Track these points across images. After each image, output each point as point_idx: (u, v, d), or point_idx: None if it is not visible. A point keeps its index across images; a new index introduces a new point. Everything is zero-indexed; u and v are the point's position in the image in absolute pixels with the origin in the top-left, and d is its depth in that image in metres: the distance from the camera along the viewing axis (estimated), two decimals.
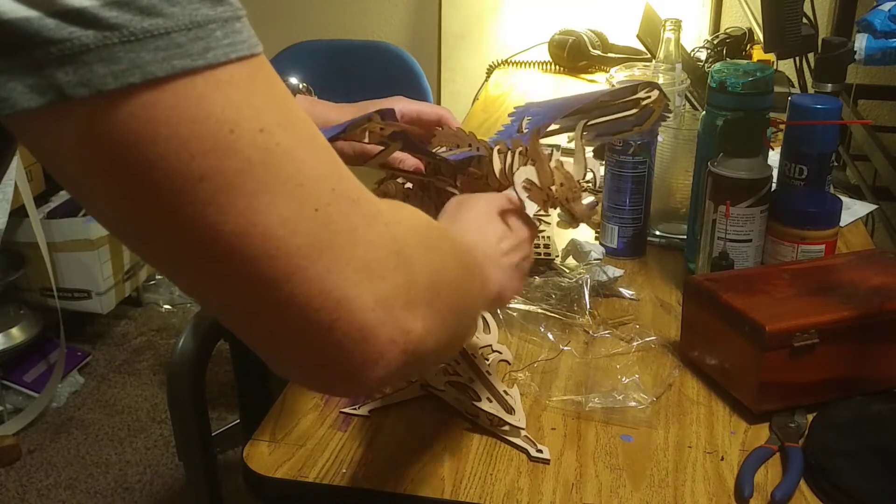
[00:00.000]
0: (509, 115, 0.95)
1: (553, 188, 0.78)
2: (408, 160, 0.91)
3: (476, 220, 0.73)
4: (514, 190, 0.78)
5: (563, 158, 0.82)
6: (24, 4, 0.34)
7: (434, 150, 0.87)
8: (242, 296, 0.42)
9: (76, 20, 0.34)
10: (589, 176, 0.83)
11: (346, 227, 0.43)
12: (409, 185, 0.91)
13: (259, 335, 0.45)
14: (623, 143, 1.17)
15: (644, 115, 0.93)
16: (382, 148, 0.81)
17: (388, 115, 0.76)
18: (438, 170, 0.87)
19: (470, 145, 0.87)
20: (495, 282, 0.70)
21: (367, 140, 0.77)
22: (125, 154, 0.37)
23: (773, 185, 1.06)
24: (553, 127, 0.88)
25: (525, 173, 0.78)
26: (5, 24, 0.34)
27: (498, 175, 0.81)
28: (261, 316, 0.43)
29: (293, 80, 1.04)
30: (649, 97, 0.91)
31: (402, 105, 0.97)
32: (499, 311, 1.04)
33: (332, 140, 0.75)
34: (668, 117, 0.99)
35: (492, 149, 0.83)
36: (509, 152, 0.82)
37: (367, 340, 0.44)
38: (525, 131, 0.87)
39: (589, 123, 0.87)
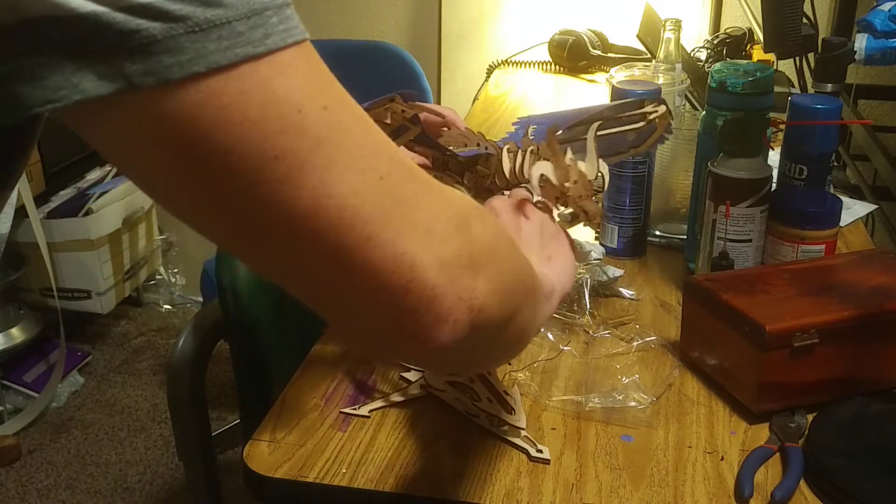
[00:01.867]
0: (513, 124, 0.95)
1: (567, 185, 0.78)
2: (413, 159, 0.91)
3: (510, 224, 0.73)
4: (530, 186, 0.78)
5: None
6: (93, 1, 0.35)
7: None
8: (321, 268, 0.43)
9: (143, 13, 0.36)
10: (599, 177, 0.83)
11: (408, 194, 0.45)
12: None
13: (337, 306, 0.46)
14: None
15: (646, 131, 0.93)
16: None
17: (409, 97, 0.76)
18: (446, 166, 0.86)
19: (478, 144, 0.87)
20: (545, 277, 0.69)
21: (388, 120, 0.77)
22: (200, 139, 0.38)
23: (773, 185, 1.06)
24: (558, 133, 0.88)
25: (541, 168, 0.78)
26: (77, 18, 0.35)
27: (507, 174, 0.81)
28: (339, 286, 0.44)
29: None
30: (656, 112, 0.91)
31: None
32: None
33: None
34: (668, 138, 0.98)
35: (500, 148, 0.83)
36: (519, 151, 0.82)
37: (437, 299, 0.45)
38: (531, 138, 0.87)
39: (598, 134, 0.87)
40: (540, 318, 0.66)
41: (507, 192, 0.83)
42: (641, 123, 0.91)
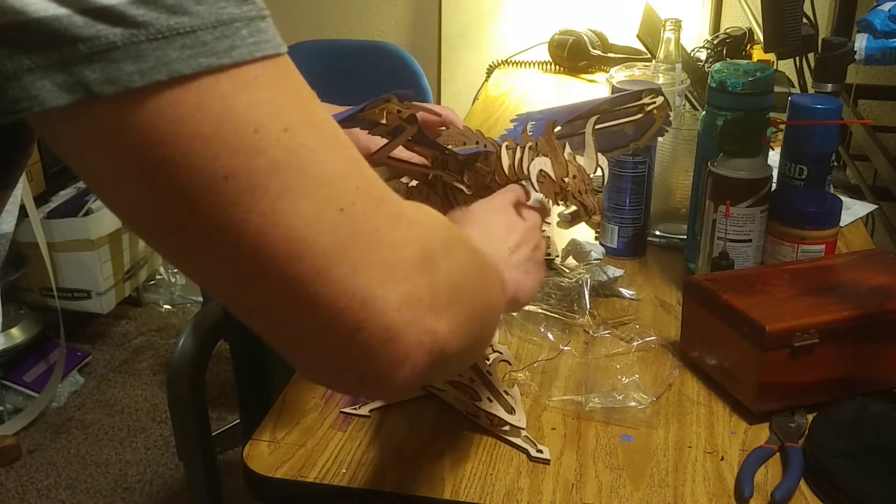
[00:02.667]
0: (512, 121, 0.95)
1: (566, 180, 0.78)
2: (412, 159, 0.91)
3: (479, 223, 0.73)
4: (529, 181, 0.78)
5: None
6: (54, 2, 0.34)
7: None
8: (267, 296, 0.41)
9: (104, 18, 0.35)
10: (598, 171, 0.83)
11: (371, 228, 0.42)
12: (413, 183, 0.91)
13: (285, 337, 0.44)
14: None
15: (644, 124, 0.93)
16: (387, 141, 0.80)
17: (405, 97, 0.76)
18: (445, 164, 0.86)
19: (477, 142, 0.87)
20: (511, 281, 0.69)
21: (384, 121, 0.77)
22: (150, 152, 0.37)
23: (774, 185, 1.06)
24: (556, 129, 0.88)
25: (540, 164, 0.78)
26: (34, 22, 0.34)
27: (506, 170, 0.81)
28: (286, 317, 0.42)
29: None
30: (654, 103, 0.91)
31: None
32: None
33: (349, 119, 0.74)
34: (667, 131, 0.99)
35: (499, 145, 0.83)
36: (518, 148, 0.82)
37: (393, 341, 0.43)
38: (530, 134, 0.87)
39: (596, 127, 0.87)
40: (497, 325, 0.65)
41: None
42: (639, 115, 0.91)
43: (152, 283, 2.83)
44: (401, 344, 0.44)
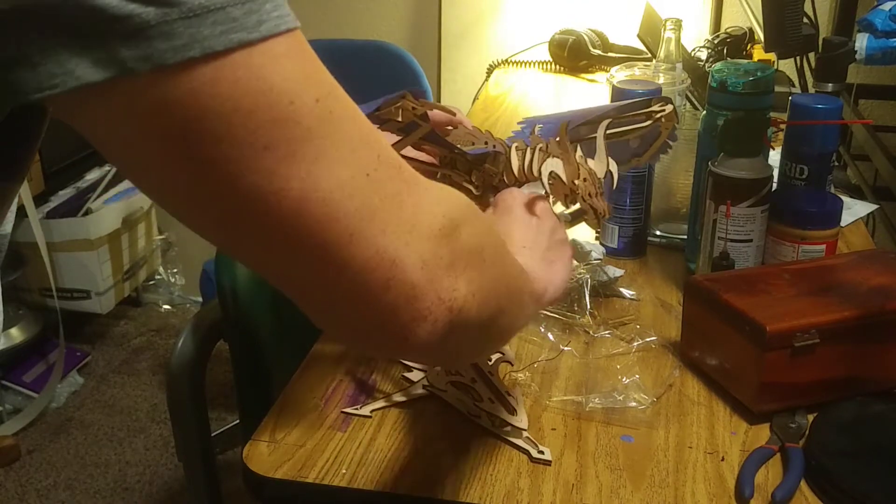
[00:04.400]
0: (519, 124, 0.95)
1: (577, 182, 0.78)
2: (420, 157, 0.91)
3: (510, 221, 0.73)
4: (541, 182, 0.78)
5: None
6: None
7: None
8: (304, 261, 0.43)
9: None
10: (607, 175, 0.83)
11: (394, 191, 0.45)
12: None
13: (318, 299, 0.46)
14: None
15: (649, 136, 0.93)
16: (398, 138, 0.80)
17: (418, 95, 0.76)
18: (454, 164, 0.86)
19: (486, 143, 0.87)
20: (539, 279, 0.70)
21: (399, 118, 0.77)
22: (190, 126, 0.38)
23: (774, 185, 1.06)
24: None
25: (551, 166, 0.78)
26: (71, 3, 0.35)
27: (515, 171, 0.81)
28: (321, 279, 0.44)
29: None
30: (663, 111, 0.91)
31: None
32: None
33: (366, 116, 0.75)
34: (671, 147, 0.98)
35: (509, 147, 0.83)
36: (528, 149, 0.82)
37: (417, 298, 0.46)
38: (539, 136, 0.87)
39: (608, 131, 0.87)
40: (526, 317, 0.66)
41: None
42: (648, 123, 0.91)
43: (152, 283, 2.83)
44: (423, 300, 0.46)
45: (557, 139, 0.83)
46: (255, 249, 0.44)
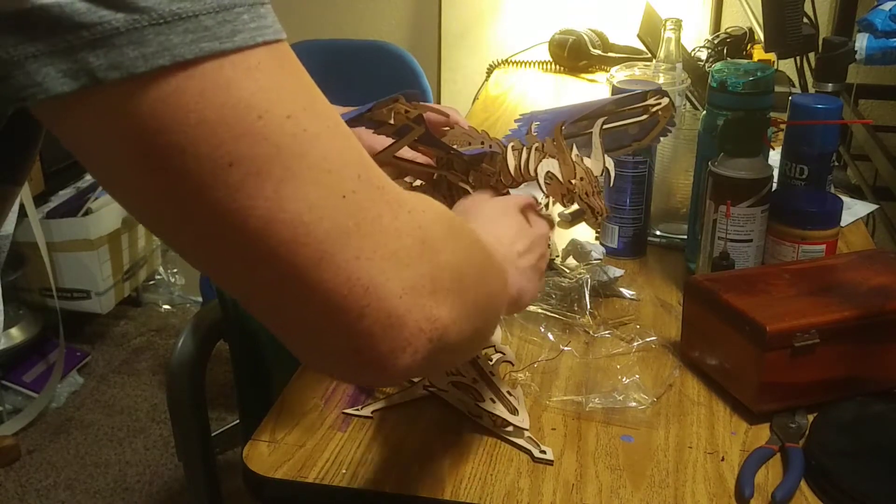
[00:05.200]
0: (516, 121, 0.95)
1: (574, 182, 0.78)
2: (417, 158, 0.91)
3: (488, 223, 0.73)
4: (537, 183, 0.78)
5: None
6: None
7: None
8: (272, 283, 0.42)
9: (106, 3, 0.35)
10: (603, 172, 0.83)
11: (373, 215, 0.43)
12: (417, 182, 0.91)
13: (289, 324, 0.45)
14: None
15: (649, 124, 0.93)
16: (393, 140, 0.80)
17: (412, 97, 0.76)
18: (451, 165, 0.86)
19: (482, 143, 0.87)
20: (514, 283, 0.70)
21: (392, 121, 0.77)
22: (155, 138, 0.37)
23: (774, 185, 1.06)
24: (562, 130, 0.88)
25: (547, 166, 0.78)
26: (38, 9, 0.34)
27: (512, 171, 0.81)
28: (290, 303, 0.43)
29: None
30: (659, 104, 0.91)
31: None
32: None
33: (357, 119, 0.74)
34: (670, 131, 0.98)
35: (505, 146, 0.83)
36: (524, 149, 0.82)
37: (395, 327, 0.44)
38: (534, 134, 0.86)
39: (604, 127, 0.87)
40: (497, 322, 0.65)
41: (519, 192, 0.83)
42: (645, 116, 0.91)
43: (152, 283, 2.83)
44: (403, 330, 0.44)
45: (553, 139, 0.83)
46: (223, 268, 0.43)
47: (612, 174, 0.84)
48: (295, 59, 0.41)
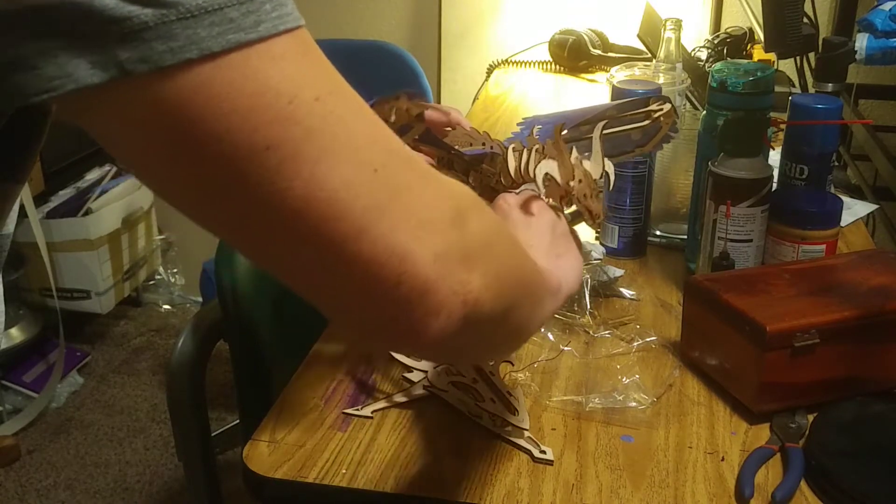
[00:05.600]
0: (518, 124, 0.95)
1: (572, 184, 0.78)
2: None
3: (510, 225, 0.73)
4: (535, 185, 0.78)
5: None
6: None
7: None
8: (313, 259, 0.43)
9: (135, 0, 0.36)
10: (603, 176, 0.83)
11: (404, 186, 0.45)
12: None
13: (328, 297, 0.46)
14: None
15: (651, 130, 0.93)
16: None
17: (414, 96, 0.76)
18: (451, 165, 0.86)
19: (483, 143, 0.87)
20: (551, 274, 0.69)
21: (393, 118, 0.77)
22: (190, 128, 0.38)
23: (774, 185, 1.06)
24: (563, 133, 0.88)
25: (546, 167, 0.78)
26: (69, 4, 0.35)
27: (512, 173, 0.81)
28: (330, 277, 0.44)
29: None
30: (661, 110, 0.91)
31: None
32: None
33: None
34: (673, 137, 0.98)
35: (506, 147, 0.83)
36: (525, 150, 0.82)
37: (429, 293, 0.45)
38: (536, 137, 0.86)
39: (603, 133, 0.87)
40: (542, 314, 0.65)
41: (515, 191, 0.83)
42: (646, 122, 0.91)
43: (152, 283, 2.83)
44: (437, 295, 0.46)
45: (553, 141, 0.83)
46: (264, 247, 0.44)
47: (612, 177, 0.84)
48: (314, 44, 0.42)
